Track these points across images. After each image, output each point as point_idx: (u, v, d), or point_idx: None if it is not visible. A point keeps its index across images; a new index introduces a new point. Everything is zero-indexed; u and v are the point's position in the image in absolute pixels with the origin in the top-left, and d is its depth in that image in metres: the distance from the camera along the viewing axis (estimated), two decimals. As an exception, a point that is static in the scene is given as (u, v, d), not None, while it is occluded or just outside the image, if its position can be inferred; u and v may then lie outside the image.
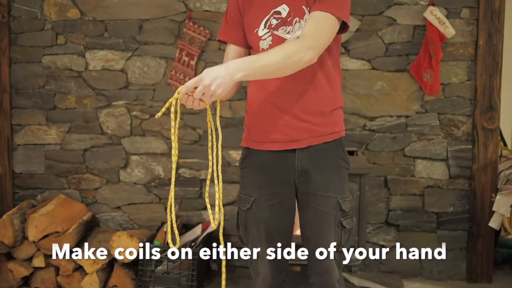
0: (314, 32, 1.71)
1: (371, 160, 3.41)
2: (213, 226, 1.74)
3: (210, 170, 1.81)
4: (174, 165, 1.74)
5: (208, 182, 1.85)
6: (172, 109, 1.68)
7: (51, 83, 3.55)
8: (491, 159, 3.31)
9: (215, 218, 1.76)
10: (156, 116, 1.76)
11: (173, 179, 1.72)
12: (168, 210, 1.75)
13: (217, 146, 1.83)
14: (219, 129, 1.78)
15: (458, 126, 3.37)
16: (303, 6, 1.81)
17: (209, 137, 1.83)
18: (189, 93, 1.66)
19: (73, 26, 3.50)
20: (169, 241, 1.78)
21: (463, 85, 3.36)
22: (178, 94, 1.67)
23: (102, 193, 3.58)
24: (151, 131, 3.52)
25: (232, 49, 1.94)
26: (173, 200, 1.74)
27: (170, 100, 1.68)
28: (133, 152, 3.54)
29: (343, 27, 1.80)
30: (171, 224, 1.74)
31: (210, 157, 1.82)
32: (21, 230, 3.14)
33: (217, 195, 1.78)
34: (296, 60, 1.68)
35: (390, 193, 3.43)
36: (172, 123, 1.71)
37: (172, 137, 1.73)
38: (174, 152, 1.74)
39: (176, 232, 1.79)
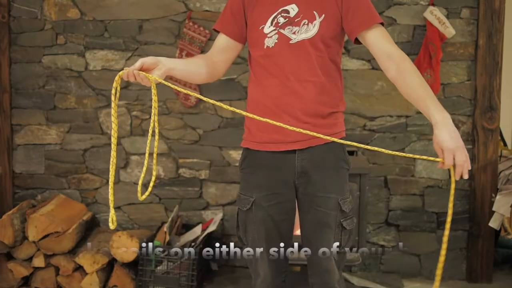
0: (395, 46, 1.78)
1: (371, 160, 3.41)
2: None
3: (147, 154, 1.86)
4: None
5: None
6: (114, 85, 1.70)
7: (51, 83, 3.55)
8: (491, 159, 3.31)
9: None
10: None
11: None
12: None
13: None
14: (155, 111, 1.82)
15: (458, 126, 3.37)
16: (315, 11, 1.81)
17: (153, 117, 1.83)
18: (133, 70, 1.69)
19: (73, 26, 3.50)
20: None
21: (463, 85, 3.36)
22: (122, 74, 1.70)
23: (102, 193, 3.58)
24: (151, 131, 3.52)
25: (223, 39, 1.94)
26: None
27: (116, 77, 1.69)
28: (133, 152, 3.54)
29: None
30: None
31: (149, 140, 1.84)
32: (21, 230, 3.14)
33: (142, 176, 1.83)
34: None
35: (390, 193, 3.43)
36: (113, 98, 1.73)
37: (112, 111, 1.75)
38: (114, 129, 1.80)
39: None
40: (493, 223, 3.17)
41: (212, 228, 3.25)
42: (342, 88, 1.94)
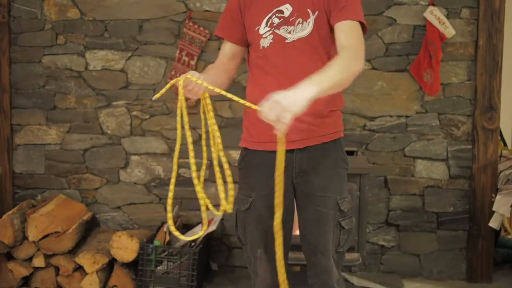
0: (355, 43, 1.73)
1: (371, 160, 3.41)
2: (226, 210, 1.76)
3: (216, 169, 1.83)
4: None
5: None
6: (181, 89, 1.68)
7: (51, 83, 3.55)
8: (491, 159, 3.31)
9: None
10: (154, 98, 1.78)
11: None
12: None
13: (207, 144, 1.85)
14: (215, 127, 1.79)
15: (458, 126, 3.37)
16: (309, 9, 1.82)
17: (204, 135, 1.83)
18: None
19: (73, 26, 3.50)
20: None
21: (463, 85, 3.36)
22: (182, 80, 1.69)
23: (102, 193, 3.58)
24: (151, 131, 3.52)
25: (228, 45, 1.96)
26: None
27: (172, 81, 1.70)
28: (133, 152, 3.54)
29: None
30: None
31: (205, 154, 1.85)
32: (21, 230, 3.14)
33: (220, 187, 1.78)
34: (353, 73, 1.68)
35: (390, 193, 3.43)
36: (182, 104, 1.72)
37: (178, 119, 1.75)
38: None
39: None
40: (493, 223, 3.17)
41: (212, 228, 3.25)
42: None
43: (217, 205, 1.82)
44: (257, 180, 1.88)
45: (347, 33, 1.75)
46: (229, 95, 1.73)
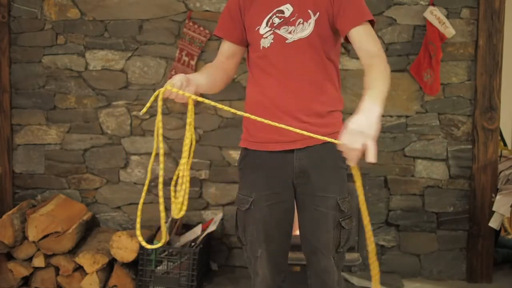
0: (377, 46, 1.79)
1: (371, 160, 3.40)
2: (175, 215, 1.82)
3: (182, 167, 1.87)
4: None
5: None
6: (160, 103, 1.70)
7: (51, 83, 3.55)
8: (491, 159, 3.31)
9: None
10: (141, 113, 1.79)
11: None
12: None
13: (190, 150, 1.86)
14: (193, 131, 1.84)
15: (458, 126, 3.37)
16: (309, 10, 1.82)
17: (187, 140, 1.85)
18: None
19: (73, 26, 3.50)
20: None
21: (463, 85, 3.36)
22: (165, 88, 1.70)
23: (102, 193, 3.58)
24: (151, 131, 3.52)
25: (228, 46, 1.96)
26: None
27: (155, 94, 1.70)
28: (133, 152, 3.54)
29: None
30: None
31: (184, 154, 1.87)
32: (21, 230, 3.14)
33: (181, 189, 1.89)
34: (389, 77, 1.74)
35: (390, 193, 3.43)
36: (159, 117, 1.74)
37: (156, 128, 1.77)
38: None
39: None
40: (493, 223, 3.17)
41: (212, 228, 3.26)
42: (340, 87, 1.94)
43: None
44: (258, 180, 1.88)
45: (365, 38, 1.79)
46: (212, 103, 1.75)
